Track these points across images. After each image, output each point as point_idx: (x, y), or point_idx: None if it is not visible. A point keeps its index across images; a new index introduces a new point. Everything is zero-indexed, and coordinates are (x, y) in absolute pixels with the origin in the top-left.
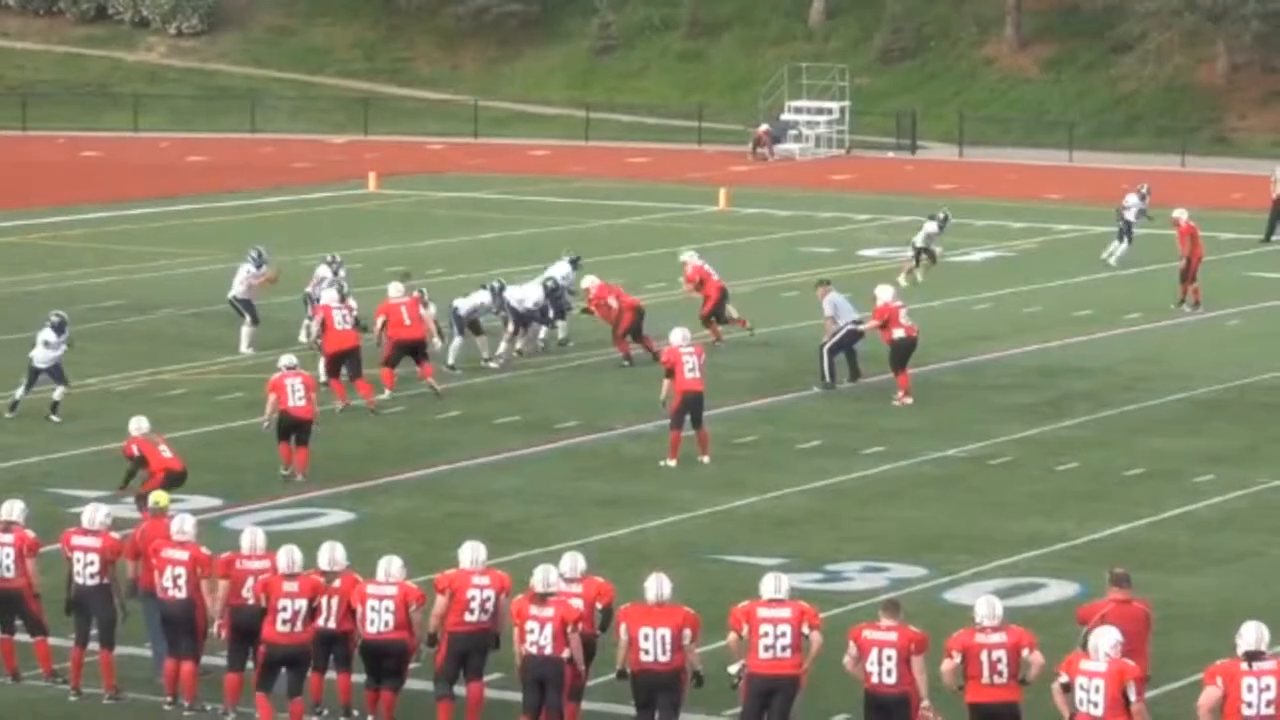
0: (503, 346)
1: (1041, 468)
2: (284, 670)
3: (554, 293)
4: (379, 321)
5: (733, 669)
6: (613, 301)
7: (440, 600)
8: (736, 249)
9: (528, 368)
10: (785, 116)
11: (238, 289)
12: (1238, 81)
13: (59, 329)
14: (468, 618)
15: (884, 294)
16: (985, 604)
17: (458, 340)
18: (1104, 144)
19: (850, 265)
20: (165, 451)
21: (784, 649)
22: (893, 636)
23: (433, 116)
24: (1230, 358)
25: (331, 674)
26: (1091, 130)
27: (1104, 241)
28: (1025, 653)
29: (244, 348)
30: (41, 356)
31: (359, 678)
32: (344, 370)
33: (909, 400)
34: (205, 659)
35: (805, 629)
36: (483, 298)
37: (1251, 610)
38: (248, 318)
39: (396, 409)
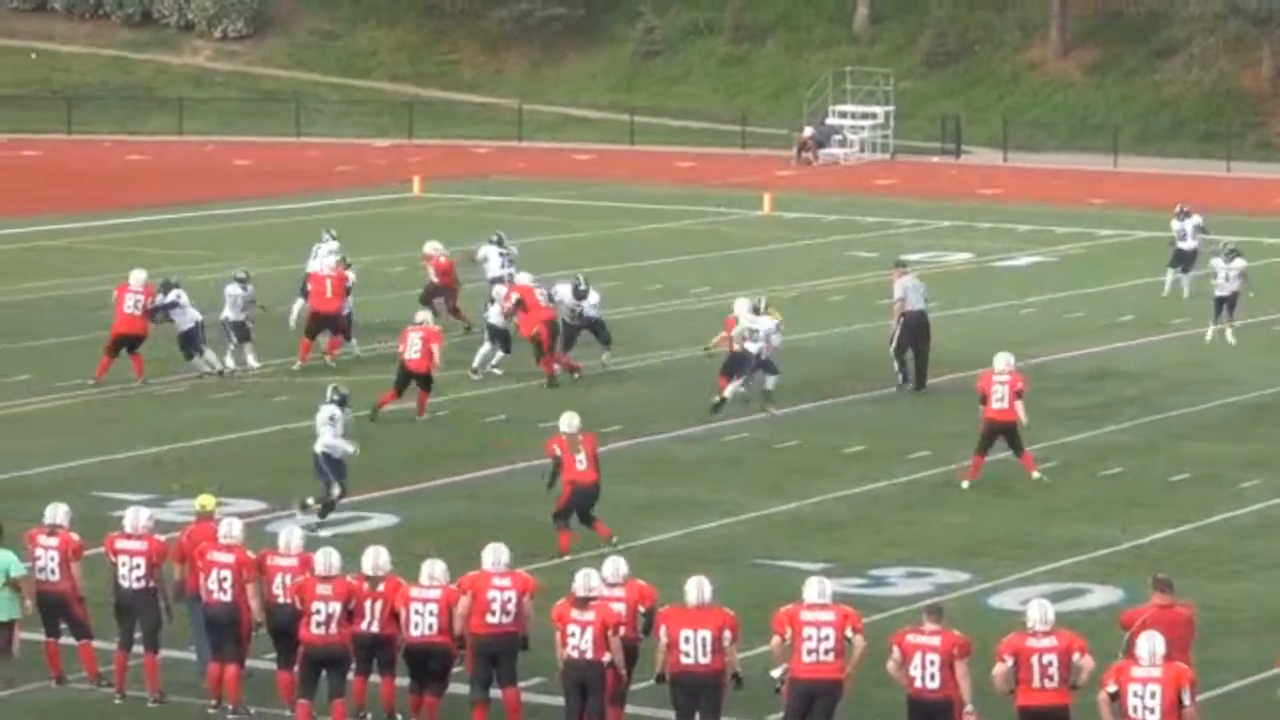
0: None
1: (1086, 472)
2: (324, 673)
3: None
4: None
5: (775, 673)
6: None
7: (463, 601)
8: (781, 253)
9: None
10: (830, 121)
11: (228, 312)
12: None
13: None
14: (489, 619)
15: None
16: (1037, 608)
17: (487, 347)
18: (1148, 149)
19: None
20: (580, 462)
21: (827, 653)
22: (936, 641)
23: (477, 121)
24: (1277, 363)
25: (375, 678)
26: (1135, 135)
27: (1147, 246)
28: (1076, 657)
29: (253, 361)
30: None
31: (403, 682)
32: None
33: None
34: (250, 662)
35: (849, 633)
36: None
37: None
38: (235, 337)
39: (441, 413)
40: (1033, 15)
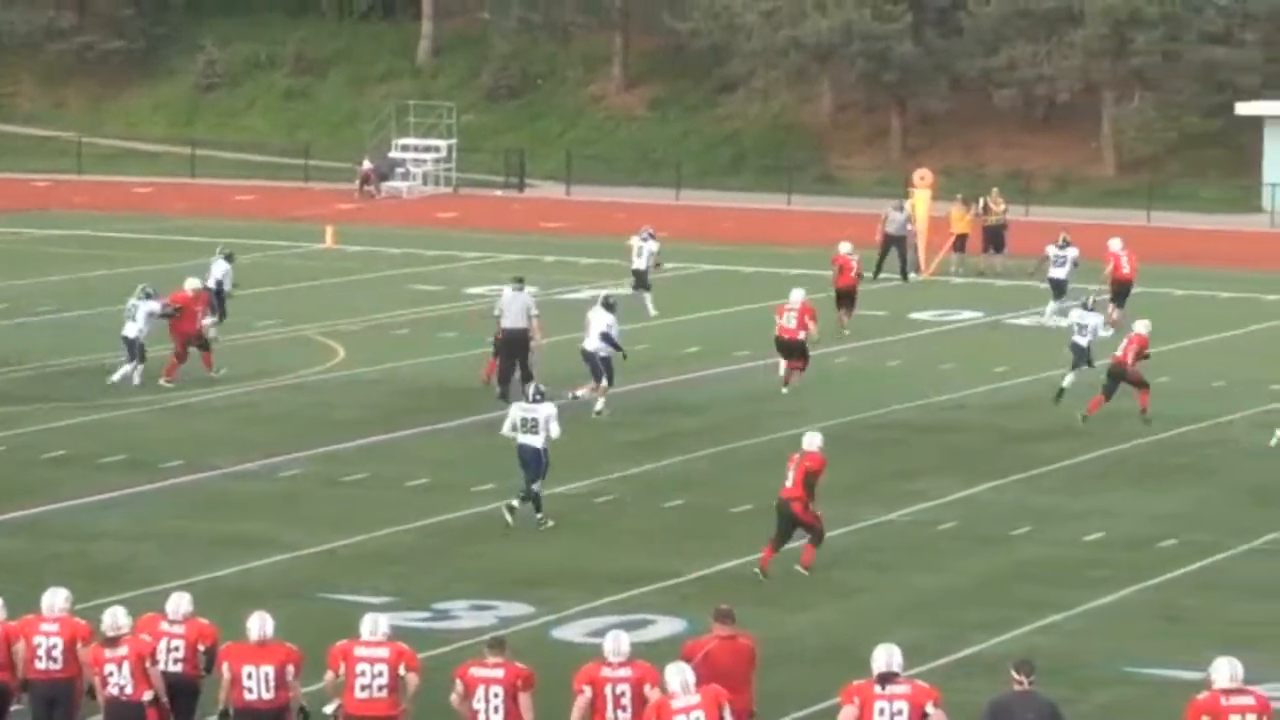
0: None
1: (649, 504)
2: None
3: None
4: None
5: (328, 709)
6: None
7: (18, 647)
8: (345, 286)
9: (132, 406)
10: (392, 154)
11: (142, 326)
12: (842, 120)
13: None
14: (38, 665)
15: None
16: (612, 639)
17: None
18: (710, 182)
19: (457, 304)
20: None
21: (380, 689)
22: (499, 674)
23: (37, 154)
24: (839, 395)
25: None
26: (698, 169)
27: (710, 279)
28: (647, 688)
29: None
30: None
31: None
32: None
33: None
34: None
35: (402, 670)
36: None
37: (857, 645)
38: (134, 357)
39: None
40: (596, 50)
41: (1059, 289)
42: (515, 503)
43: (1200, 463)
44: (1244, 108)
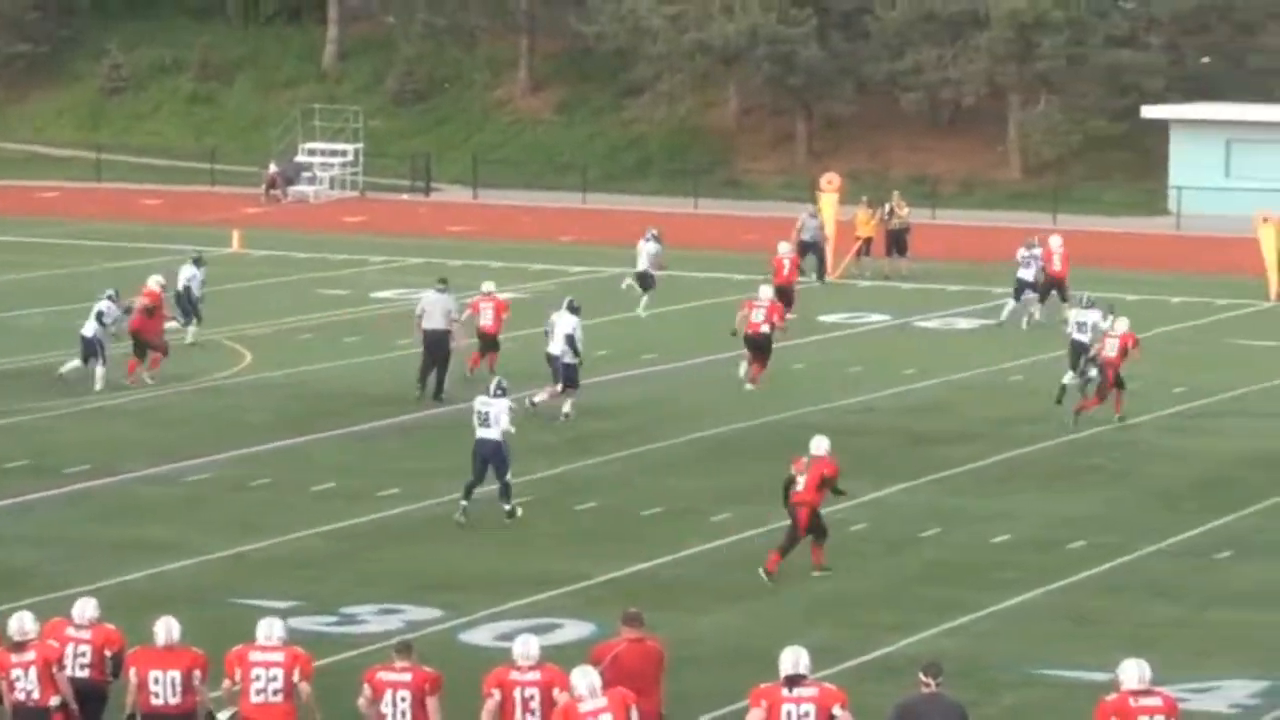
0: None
1: (560, 507)
2: None
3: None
4: None
5: (222, 715)
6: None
7: None
8: (251, 291)
9: (38, 411)
10: (299, 159)
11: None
12: (748, 124)
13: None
14: None
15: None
16: (521, 643)
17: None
18: (616, 186)
19: (365, 307)
20: None
21: (275, 694)
22: (407, 678)
23: None
24: (744, 397)
25: None
26: (604, 173)
27: (616, 282)
28: (556, 692)
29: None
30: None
31: None
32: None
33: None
34: None
35: (296, 677)
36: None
37: (765, 647)
38: (101, 358)
39: None
40: (501, 54)
41: (1022, 290)
42: (465, 503)
43: (1109, 465)
44: (1149, 111)
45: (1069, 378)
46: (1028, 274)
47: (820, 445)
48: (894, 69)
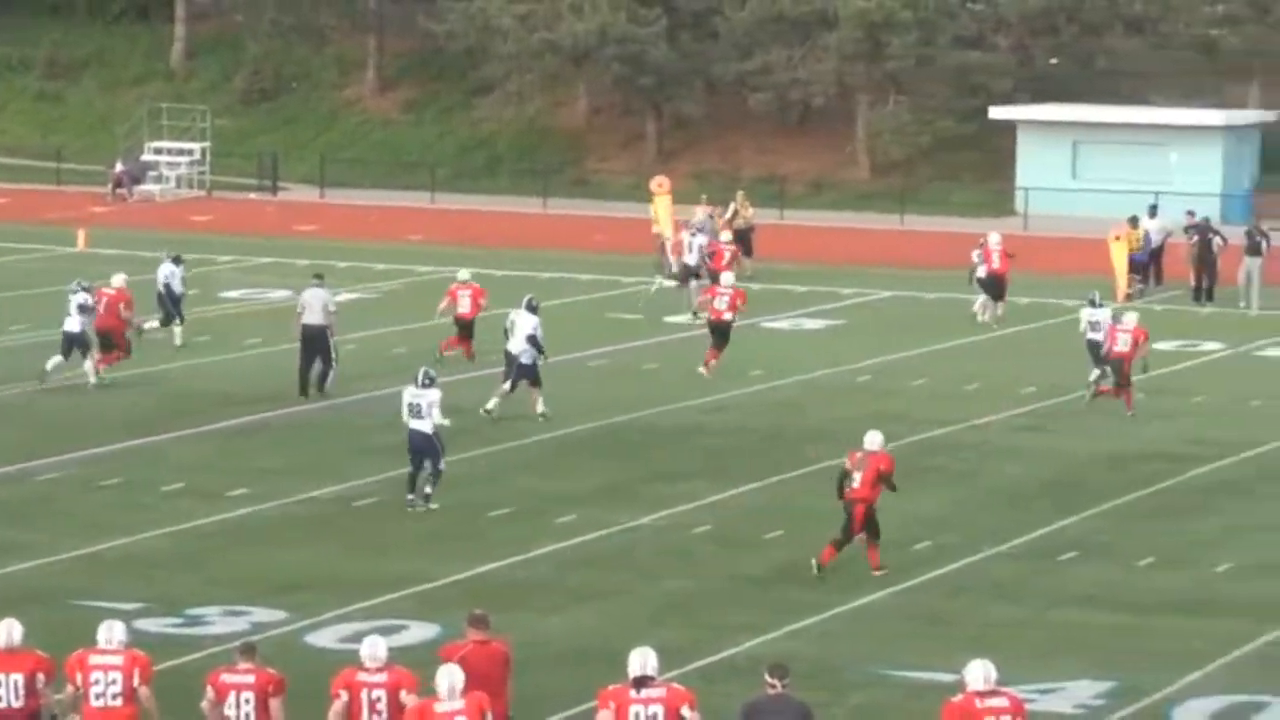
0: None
1: (406, 508)
2: None
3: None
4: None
5: None
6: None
7: None
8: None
9: None
10: (145, 157)
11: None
12: (598, 124)
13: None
14: None
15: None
16: (369, 644)
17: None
18: (465, 185)
19: (212, 306)
20: None
21: (115, 697)
22: (250, 679)
23: None
24: (593, 398)
25: None
26: (453, 172)
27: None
28: (404, 694)
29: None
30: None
31: None
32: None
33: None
34: None
35: (136, 680)
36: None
37: (613, 648)
38: (92, 349)
39: None
40: (350, 53)
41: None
42: (411, 495)
43: (954, 465)
44: (997, 112)
45: (1095, 376)
46: (981, 273)
47: (874, 440)
48: (743, 69)
